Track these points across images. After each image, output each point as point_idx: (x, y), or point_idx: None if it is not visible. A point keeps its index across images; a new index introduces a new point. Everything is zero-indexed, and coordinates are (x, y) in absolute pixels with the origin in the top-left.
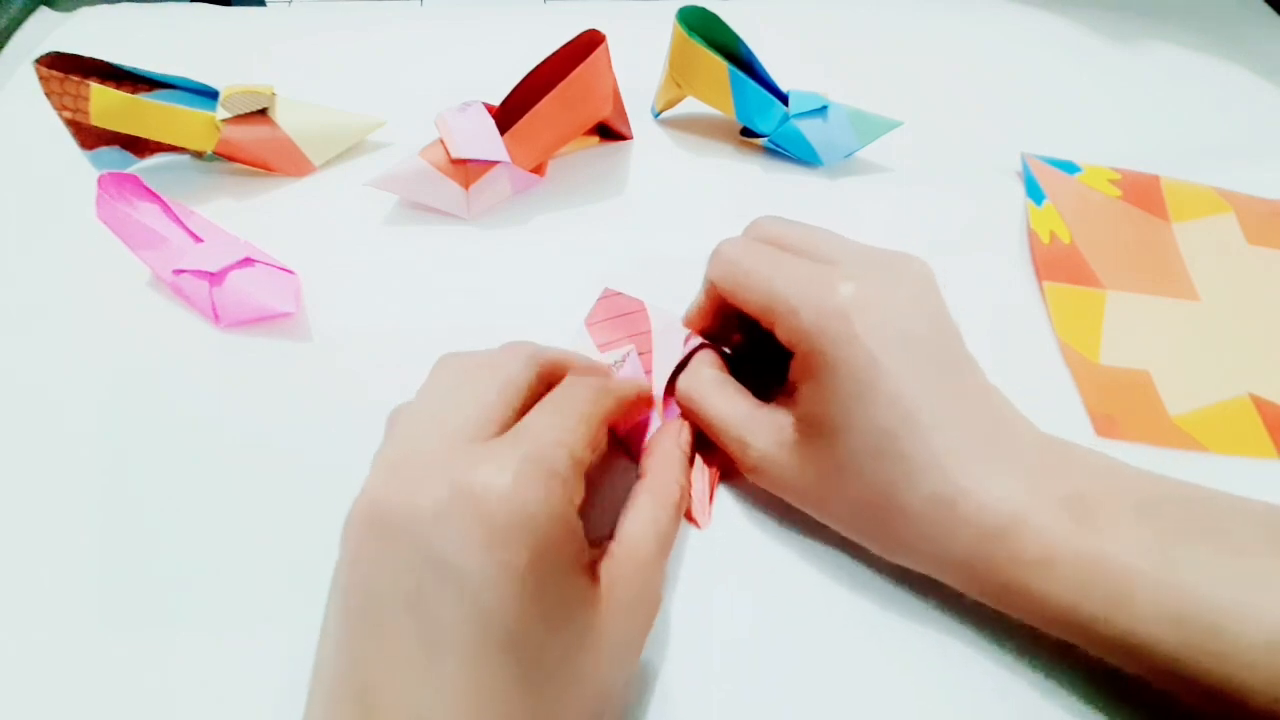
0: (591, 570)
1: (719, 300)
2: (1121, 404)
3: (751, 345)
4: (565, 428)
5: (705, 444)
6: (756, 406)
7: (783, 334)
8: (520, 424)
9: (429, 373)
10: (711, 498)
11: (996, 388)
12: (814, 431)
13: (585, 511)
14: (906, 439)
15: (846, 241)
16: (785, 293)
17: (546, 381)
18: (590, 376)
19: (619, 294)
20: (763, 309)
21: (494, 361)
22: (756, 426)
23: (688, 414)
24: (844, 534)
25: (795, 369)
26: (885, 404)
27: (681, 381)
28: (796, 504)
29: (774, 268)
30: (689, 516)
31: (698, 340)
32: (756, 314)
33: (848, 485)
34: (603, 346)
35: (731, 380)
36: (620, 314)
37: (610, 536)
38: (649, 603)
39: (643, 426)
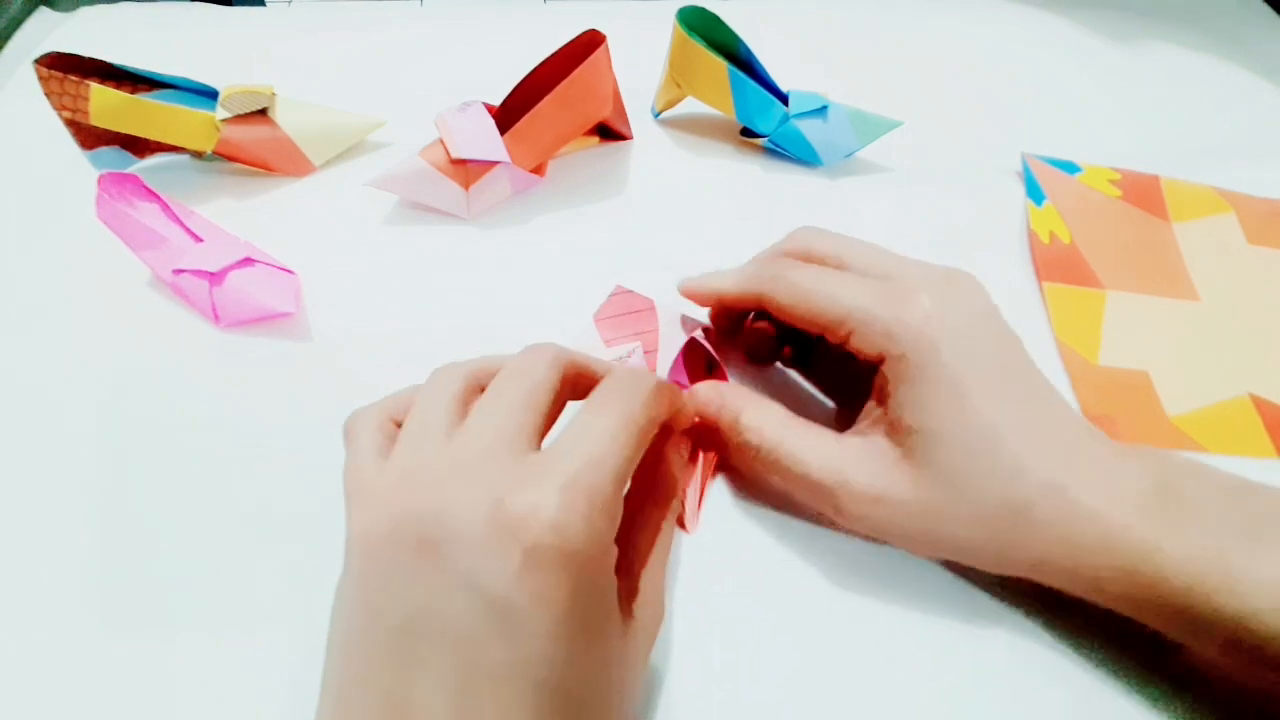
0: (622, 600)
1: (748, 301)
2: (1120, 405)
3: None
4: (610, 444)
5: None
6: (840, 438)
7: (862, 345)
8: (563, 439)
9: (428, 379)
10: (700, 503)
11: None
12: (914, 442)
13: None
14: (1010, 435)
15: (895, 255)
16: (859, 306)
17: (572, 384)
18: (634, 378)
19: (630, 291)
20: (835, 324)
21: (520, 367)
22: (851, 456)
23: (759, 462)
24: (956, 558)
25: (883, 379)
26: (984, 404)
27: (749, 419)
28: (901, 541)
29: (838, 283)
30: (679, 521)
31: (695, 332)
32: (827, 326)
33: (959, 493)
34: (609, 342)
35: (800, 419)
36: (629, 311)
37: (622, 553)
38: (659, 619)
39: None
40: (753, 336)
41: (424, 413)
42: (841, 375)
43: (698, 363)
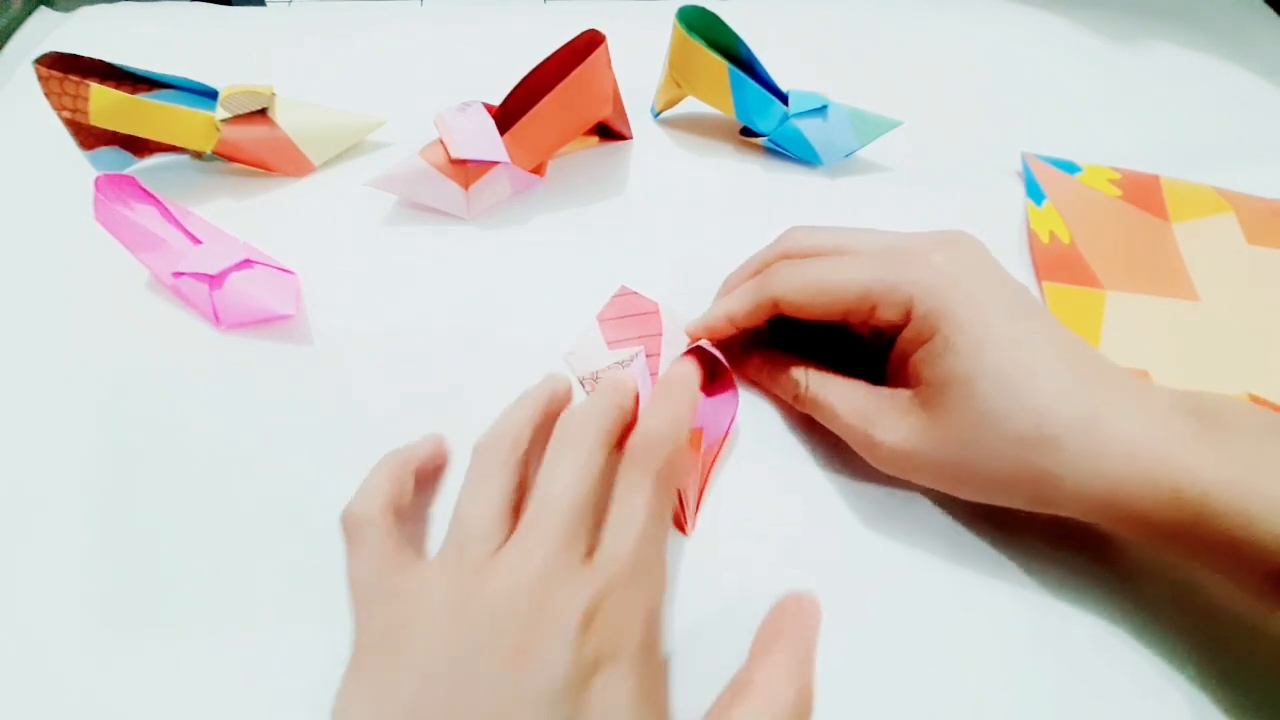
0: None
1: (763, 313)
2: None
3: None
4: (653, 557)
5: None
6: (873, 390)
7: (888, 313)
8: (609, 551)
9: (469, 477)
10: (699, 505)
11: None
12: (941, 393)
13: None
14: (1037, 372)
15: (890, 231)
16: (876, 278)
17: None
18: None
19: (634, 293)
20: (857, 301)
21: (568, 459)
22: (882, 405)
23: (804, 405)
24: (986, 499)
25: (906, 341)
26: (1008, 346)
27: (794, 373)
28: (932, 480)
29: (848, 264)
30: (676, 523)
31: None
32: (848, 310)
33: (989, 435)
34: (612, 344)
35: (838, 375)
36: (634, 313)
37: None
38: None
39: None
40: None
41: (467, 531)
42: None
43: (703, 368)
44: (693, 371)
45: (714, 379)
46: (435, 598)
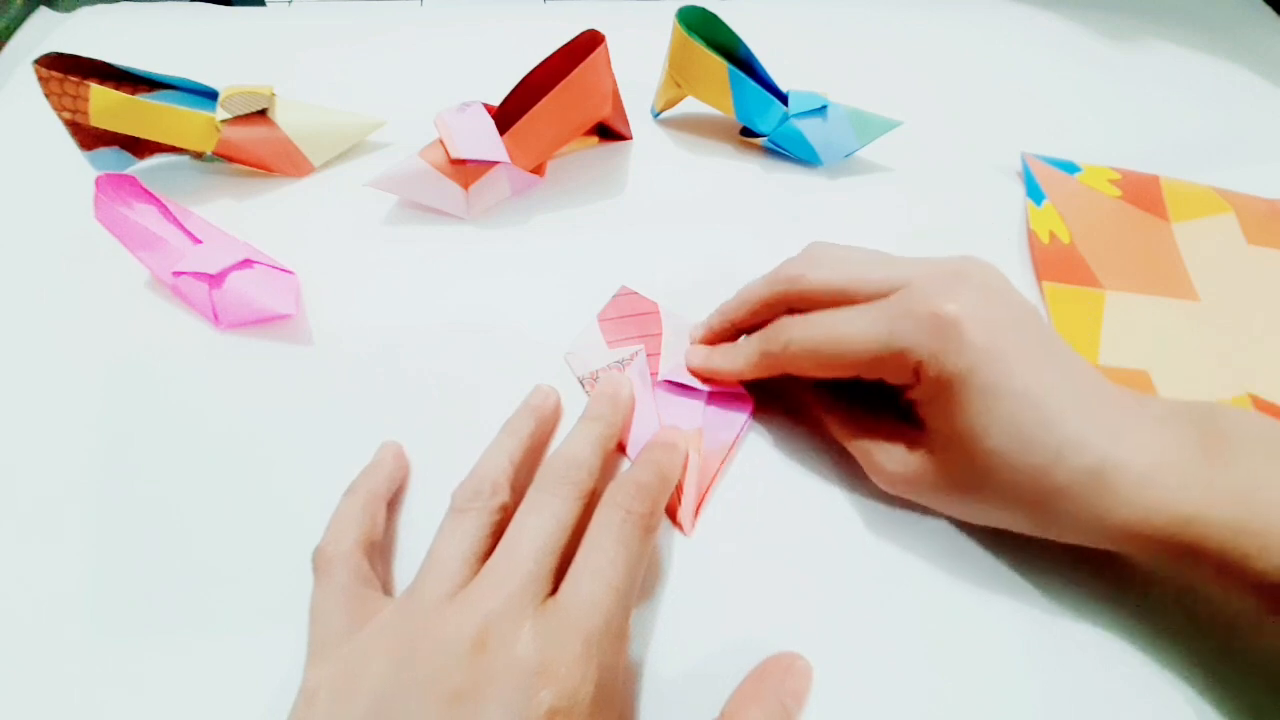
0: None
1: (772, 375)
2: None
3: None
4: (620, 582)
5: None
6: (881, 419)
7: (896, 378)
8: (573, 583)
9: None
10: (699, 508)
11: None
12: (950, 443)
13: None
14: (1045, 425)
15: (895, 261)
16: (884, 343)
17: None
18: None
19: (635, 293)
20: (867, 365)
21: (543, 507)
22: (891, 434)
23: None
24: (990, 524)
25: (919, 396)
26: (1019, 397)
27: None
28: (935, 505)
29: (853, 323)
30: (674, 520)
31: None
32: (862, 372)
33: (995, 480)
34: (612, 343)
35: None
36: (634, 313)
37: None
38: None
39: (628, 426)
40: None
41: (430, 574)
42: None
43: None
44: (689, 435)
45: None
46: (386, 641)
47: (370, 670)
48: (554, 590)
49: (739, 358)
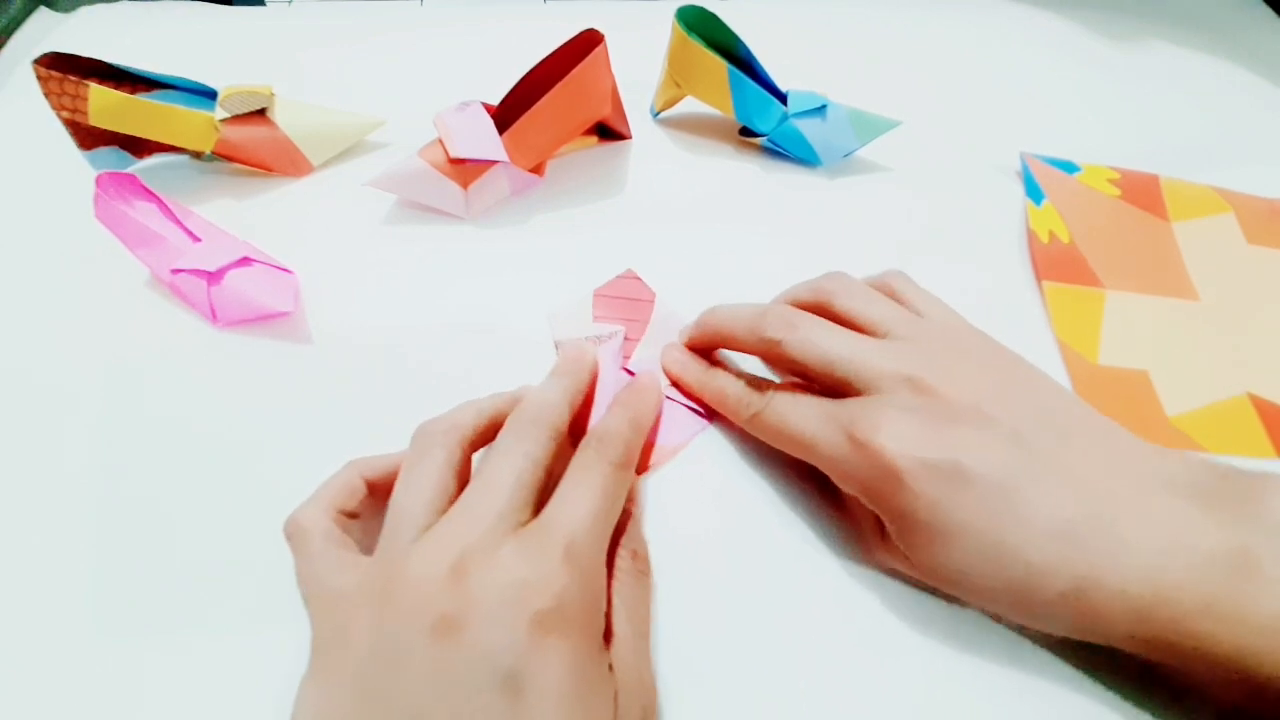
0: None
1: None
2: (1119, 405)
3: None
4: (598, 504)
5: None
6: (845, 508)
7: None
8: (556, 506)
9: (410, 454)
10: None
11: (1112, 423)
12: (918, 560)
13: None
14: (1007, 559)
15: (872, 345)
16: (830, 453)
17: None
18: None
19: (638, 279)
20: (822, 464)
21: (515, 439)
22: (864, 530)
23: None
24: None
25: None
26: (974, 535)
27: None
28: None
29: (808, 419)
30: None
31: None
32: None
33: (970, 591)
34: (598, 318)
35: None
36: (629, 297)
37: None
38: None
39: (589, 404)
40: None
41: (399, 518)
42: None
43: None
44: (662, 383)
45: None
46: (369, 589)
47: (357, 621)
48: (528, 517)
49: (707, 389)
